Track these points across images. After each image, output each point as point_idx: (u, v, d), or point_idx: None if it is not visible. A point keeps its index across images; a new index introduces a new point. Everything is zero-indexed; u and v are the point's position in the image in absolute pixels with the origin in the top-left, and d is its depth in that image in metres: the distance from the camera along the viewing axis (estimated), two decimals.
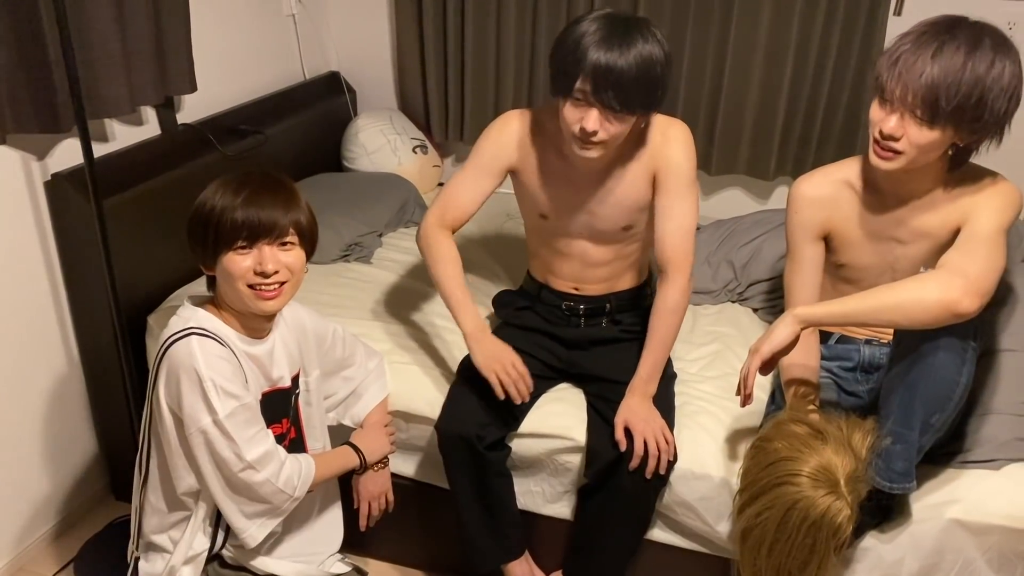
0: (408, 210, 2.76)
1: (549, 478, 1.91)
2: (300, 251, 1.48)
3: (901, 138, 1.52)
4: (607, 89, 1.58)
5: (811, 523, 1.45)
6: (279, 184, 1.48)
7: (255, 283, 1.43)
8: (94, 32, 1.95)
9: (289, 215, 1.44)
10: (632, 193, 1.80)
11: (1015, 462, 1.68)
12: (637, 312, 1.99)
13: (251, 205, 1.41)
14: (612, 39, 1.58)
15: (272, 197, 1.44)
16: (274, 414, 1.56)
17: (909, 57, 1.48)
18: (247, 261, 1.42)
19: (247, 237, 1.41)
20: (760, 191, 2.86)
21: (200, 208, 1.44)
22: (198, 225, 1.44)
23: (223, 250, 1.42)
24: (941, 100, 1.46)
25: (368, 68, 3.11)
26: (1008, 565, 1.65)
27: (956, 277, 1.45)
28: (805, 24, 2.54)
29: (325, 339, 1.73)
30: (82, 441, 2.27)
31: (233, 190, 1.43)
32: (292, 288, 1.49)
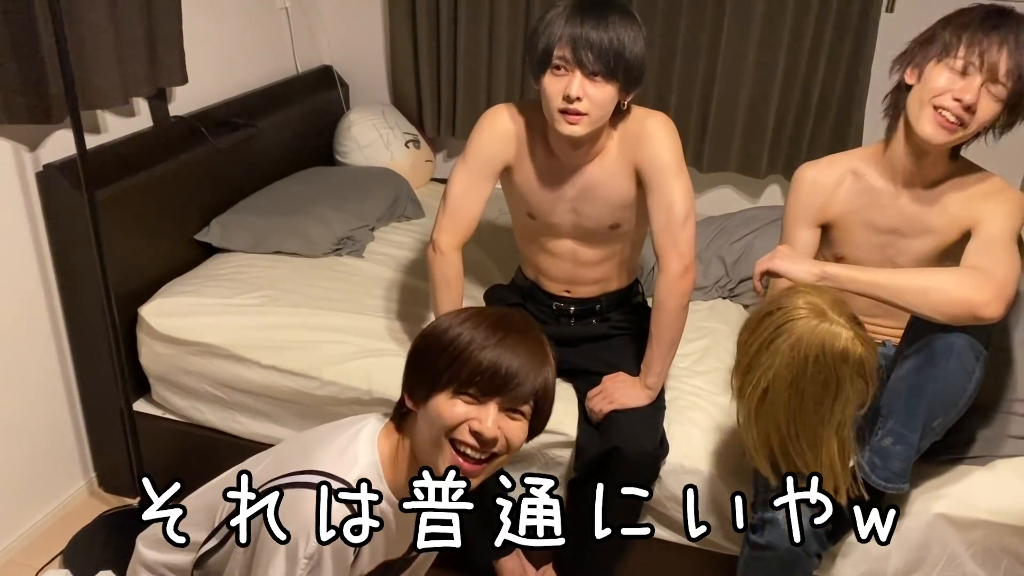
0: (400, 205, 2.76)
1: (540, 471, 1.91)
2: (526, 425, 1.23)
3: (977, 111, 1.51)
4: (587, 50, 1.61)
5: (815, 356, 1.36)
6: (539, 337, 1.24)
7: (463, 444, 1.18)
8: (86, 23, 1.95)
9: (536, 381, 1.20)
10: (616, 189, 1.80)
11: (1001, 458, 1.70)
12: (627, 309, 2.00)
13: (504, 351, 1.17)
14: (588, 11, 1.62)
15: (531, 353, 1.20)
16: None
17: (1000, 33, 1.48)
18: (465, 412, 1.18)
19: (484, 387, 1.17)
20: (751, 189, 2.87)
21: (440, 333, 1.21)
22: (430, 350, 1.21)
23: (447, 389, 1.18)
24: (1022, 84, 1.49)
25: (361, 62, 3.11)
26: (992, 559, 1.67)
27: (988, 281, 1.44)
28: (797, 22, 2.55)
29: None
30: (71, 433, 2.26)
31: (488, 327, 1.19)
32: (496, 467, 1.24)
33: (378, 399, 1.96)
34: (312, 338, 2.04)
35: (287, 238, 2.43)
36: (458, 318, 1.22)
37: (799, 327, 1.37)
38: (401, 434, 1.26)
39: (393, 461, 1.25)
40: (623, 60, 1.64)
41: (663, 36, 2.68)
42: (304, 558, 1.15)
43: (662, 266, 1.77)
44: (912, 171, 1.64)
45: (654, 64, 2.71)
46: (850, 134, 2.62)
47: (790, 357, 1.37)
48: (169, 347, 2.11)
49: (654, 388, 1.81)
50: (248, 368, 2.04)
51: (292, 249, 2.43)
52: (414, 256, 2.49)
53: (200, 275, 2.28)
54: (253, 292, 2.21)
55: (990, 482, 1.68)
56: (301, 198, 2.57)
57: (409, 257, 2.49)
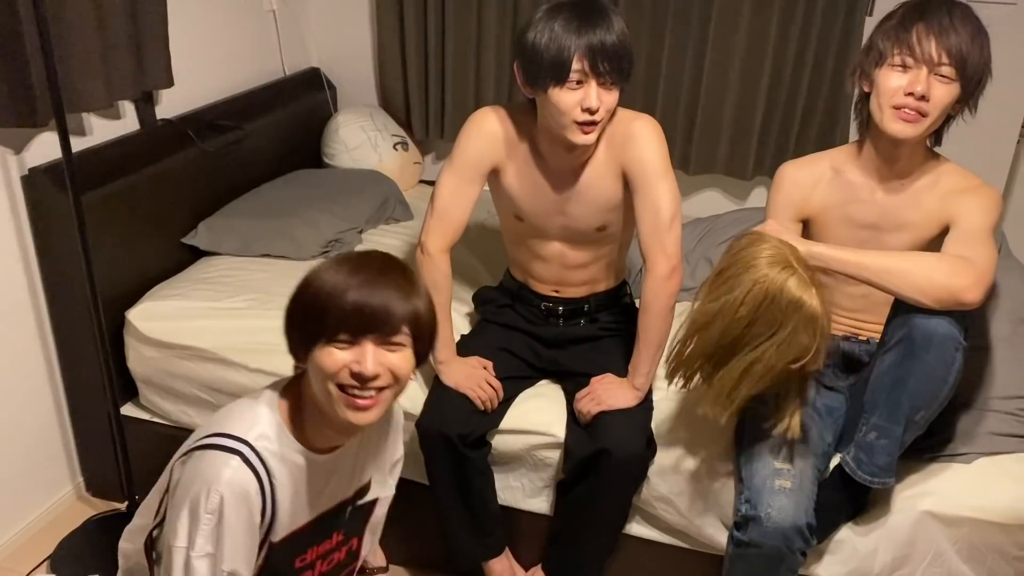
0: (388, 207, 2.76)
1: (529, 473, 1.92)
2: (410, 354, 1.25)
3: (929, 98, 1.56)
4: (604, 61, 1.62)
5: (773, 295, 1.44)
6: (403, 273, 1.25)
7: (349, 385, 1.21)
8: (71, 26, 1.94)
9: (404, 309, 1.21)
10: (603, 191, 1.81)
11: (986, 456, 1.72)
12: (615, 310, 2.01)
13: (366, 288, 1.19)
14: (592, 19, 1.63)
15: (393, 284, 1.21)
16: (324, 530, 1.39)
17: (928, 20, 1.55)
18: (343, 358, 1.20)
19: (352, 329, 1.19)
20: (738, 191, 2.89)
21: (304, 288, 1.23)
22: (299, 307, 1.23)
23: (320, 341, 1.20)
24: (969, 58, 1.54)
25: (349, 64, 3.10)
26: (977, 556, 1.69)
27: (970, 266, 1.48)
28: (783, 25, 2.57)
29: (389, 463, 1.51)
30: (59, 437, 2.25)
31: (348, 271, 1.21)
32: (392, 397, 1.26)
33: None
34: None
35: (275, 241, 2.43)
36: (317, 271, 1.23)
37: (765, 268, 1.45)
38: (303, 391, 1.28)
39: (298, 416, 1.28)
40: (627, 61, 1.67)
41: (650, 39, 2.69)
42: (206, 513, 1.18)
43: (649, 267, 1.78)
44: (887, 168, 1.68)
45: (641, 67, 2.72)
46: (836, 135, 2.64)
47: (749, 288, 1.45)
48: (157, 351, 2.10)
49: (642, 389, 1.82)
50: (236, 372, 2.04)
51: (280, 252, 2.42)
52: (402, 258, 2.46)
53: (188, 278, 2.28)
54: (241, 295, 2.20)
55: (975, 479, 1.69)
56: (289, 201, 2.56)
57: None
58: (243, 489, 1.21)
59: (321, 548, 1.40)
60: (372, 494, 1.46)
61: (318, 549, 1.39)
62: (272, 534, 1.28)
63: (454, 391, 1.83)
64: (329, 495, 1.35)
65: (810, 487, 1.62)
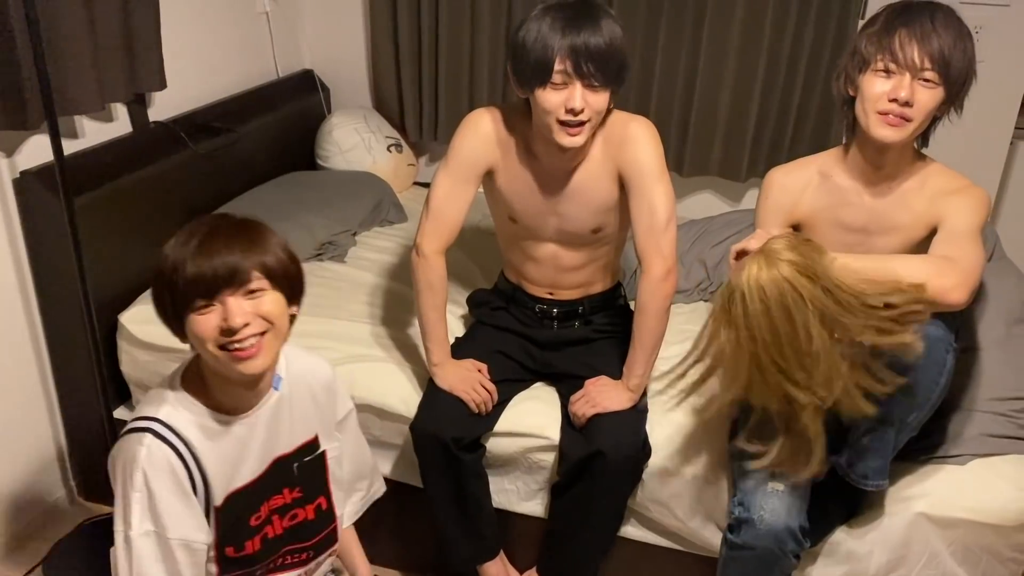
0: (383, 209, 2.76)
1: (523, 476, 1.92)
2: (277, 294, 1.27)
3: (913, 104, 1.56)
4: (587, 62, 1.62)
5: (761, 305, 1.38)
6: (237, 226, 1.27)
7: (226, 343, 1.22)
8: (63, 28, 1.93)
9: (250, 258, 1.23)
10: (598, 193, 1.81)
11: (980, 457, 1.72)
12: (609, 312, 2.00)
13: (201, 255, 1.20)
14: (579, 20, 1.62)
15: (227, 240, 1.23)
16: (273, 486, 1.41)
17: (911, 26, 1.55)
18: (212, 320, 1.22)
19: (204, 293, 1.21)
20: (732, 193, 2.89)
21: (155, 270, 1.24)
22: (155, 290, 1.25)
23: (184, 313, 1.22)
24: (953, 62, 1.54)
25: (342, 66, 3.10)
26: (972, 557, 1.69)
27: (954, 267, 1.48)
28: (777, 27, 2.57)
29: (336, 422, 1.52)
30: (52, 442, 2.24)
31: (183, 241, 1.23)
32: (275, 339, 1.27)
33: (361, 405, 1.95)
34: (293, 344, 2.03)
35: None
36: (167, 246, 1.25)
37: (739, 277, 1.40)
38: (200, 363, 1.31)
39: (203, 386, 1.31)
40: (619, 65, 1.66)
41: (644, 42, 2.69)
42: (135, 492, 1.23)
43: (645, 269, 1.78)
44: (874, 171, 1.68)
45: (635, 68, 2.72)
46: (830, 137, 2.65)
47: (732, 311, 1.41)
48: (150, 354, 2.09)
49: (637, 391, 1.82)
50: None
51: None
52: (397, 261, 2.49)
53: None
54: None
55: (969, 481, 1.69)
56: (282, 203, 2.56)
57: (392, 262, 2.48)
58: (162, 460, 1.25)
59: (273, 503, 1.41)
60: (320, 448, 1.48)
61: (270, 503, 1.41)
62: (212, 499, 1.31)
63: (448, 394, 1.83)
64: (263, 453, 1.38)
65: (803, 489, 1.62)
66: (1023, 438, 1.75)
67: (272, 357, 1.28)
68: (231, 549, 1.37)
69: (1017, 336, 1.90)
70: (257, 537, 1.40)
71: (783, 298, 1.37)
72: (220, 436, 1.31)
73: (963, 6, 1.65)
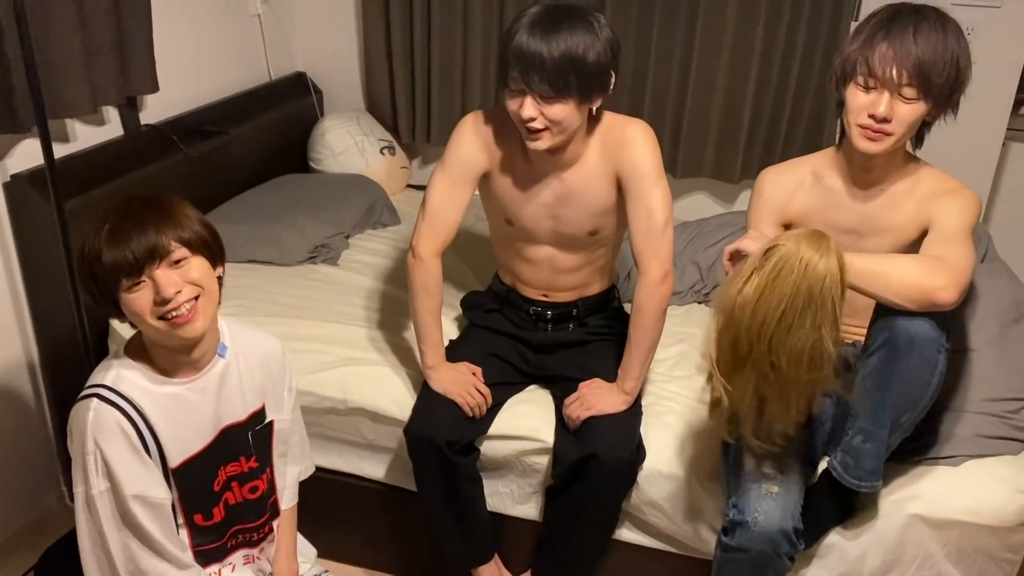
0: (376, 212, 2.75)
1: (517, 479, 1.91)
2: (200, 259, 1.33)
3: (892, 119, 1.55)
4: (531, 73, 1.60)
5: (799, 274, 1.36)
6: (145, 205, 1.31)
7: (163, 313, 1.28)
8: (54, 31, 1.92)
9: (164, 232, 1.28)
10: (595, 195, 1.81)
11: (974, 458, 1.72)
12: (604, 314, 2.00)
13: (114, 242, 1.25)
14: (540, 25, 1.60)
15: (137, 221, 1.27)
16: (227, 454, 1.46)
17: (891, 39, 1.53)
18: (146, 295, 1.27)
19: (129, 273, 1.26)
20: (726, 194, 2.89)
21: (77, 260, 1.31)
22: (80, 282, 1.32)
23: (116, 295, 1.28)
24: (932, 76, 1.52)
25: (335, 69, 3.09)
26: (966, 558, 1.69)
27: (945, 267, 1.48)
28: (770, 29, 2.57)
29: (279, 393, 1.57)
30: (42, 446, 2.23)
31: (96, 230, 1.28)
32: (209, 302, 1.34)
33: (354, 408, 1.95)
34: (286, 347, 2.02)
35: (261, 247, 2.42)
36: (83, 240, 1.30)
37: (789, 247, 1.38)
38: (140, 336, 1.37)
39: (146, 355, 1.37)
40: (574, 76, 1.61)
41: (637, 43, 2.70)
42: (88, 455, 1.29)
43: (642, 271, 1.77)
44: (864, 173, 1.69)
45: (628, 71, 2.72)
46: (822, 139, 2.65)
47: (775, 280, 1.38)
48: None
49: (632, 393, 1.81)
50: None
51: (266, 258, 2.41)
52: (390, 264, 2.48)
53: None
54: (226, 301, 2.15)
55: (963, 482, 1.69)
56: (275, 206, 2.55)
57: (385, 265, 2.48)
58: (110, 421, 1.30)
59: (231, 469, 1.46)
60: (268, 418, 1.53)
61: (227, 470, 1.46)
62: (167, 460, 1.37)
63: (443, 397, 1.82)
64: (214, 419, 1.42)
65: (797, 491, 1.62)
66: (1016, 439, 1.75)
67: (209, 319, 1.34)
68: (199, 516, 1.43)
69: (1010, 337, 1.91)
70: (221, 503, 1.46)
71: (813, 289, 1.36)
72: (168, 400, 1.36)
73: (954, 8, 1.65)
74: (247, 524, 1.51)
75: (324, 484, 2.05)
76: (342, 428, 1.99)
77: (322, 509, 2.07)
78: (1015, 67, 2.52)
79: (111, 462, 1.30)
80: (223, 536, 1.48)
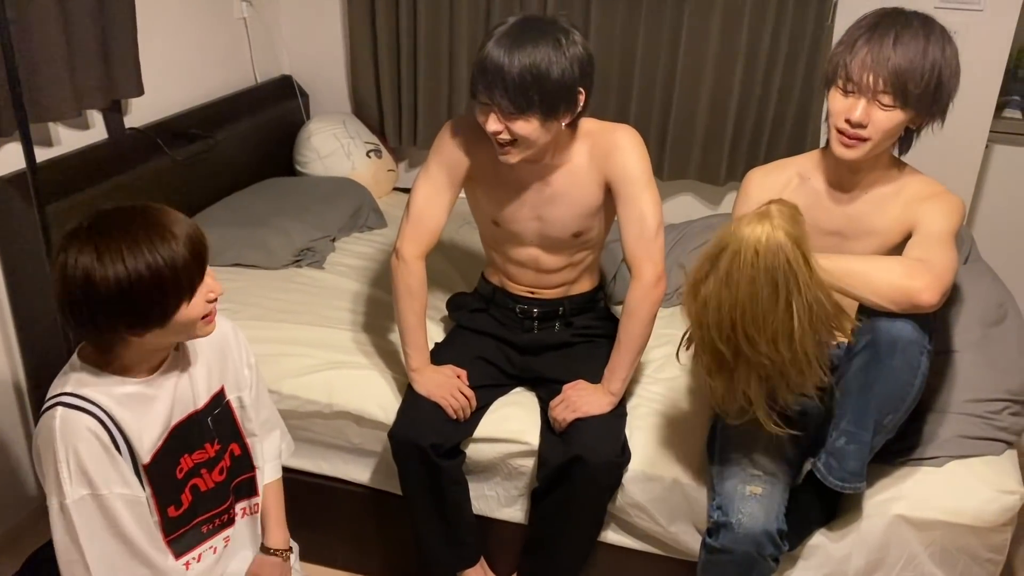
0: (362, 215, 2.75)
1: (503, 482, 1.91)
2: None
3: (868, 125, 1.56)
4: (493, 88, 1.60)
5: (751, 262, 1.35)
6: (141, 213, 1.29)
7: (207, 312, 1.34)
8: (37, 34, 1.91)
9: (196, 226, 1.31)
10: (581, 199, 1.81)
11: (957, 459, 1.73)
12: (590, 315, 2.00)
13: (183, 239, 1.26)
14: (507, 38, 1.60)
15: (177, 216, 1.29)
16: (191, 442, 1.45)
17: (871, 46, 1.53)
18: (200, 299, 1.31)
19: (191, 285, 1.29)
20: (711, 196, 2.90)
21: (130, 277, 1.22)
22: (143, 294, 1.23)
23: (186, 300, 1.28)
24: (909, 84, 1.52)
25: (321, 72, 3.09)
26: (950, 559, 1.70)
27: (926, 269, 1.49)
28: (754, 32, 2.59)
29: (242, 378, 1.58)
30: (25, 451, 2.21)
31: (151, 237, 1.24)
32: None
33: (339, 412, 1.94)
34: (272, 351, 2.02)
35: (246, 250, 2.41)
36: (109, 258, 1.23)
37: (736, 235, 1.38)
38: (110, 347, 1.34)
39: (106, 359, 1.35)
40: (536, 93, 1.60)
41: (622, 46, 2.70)
42: (60, 463, 1.27)
43: (636, 275, 1.78)
44: (847, 176, 1.69)
45: (614, 73, 2.73)
46: (806, 141, 2.66)
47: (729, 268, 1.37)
48: None
49: (617, 395, 1.82)
50: None
51: (251, 261, 2.40)
52: (376, 266, 2.48)
53: None
54: None
55: (946, 483, 1.70)
56: (260, 209, 2.54)
57: (371, 267, 2.47)
58: (78, 426, 1.28)
59: (197, 457, 1.46)
60: (227, 397, 1.53)
61: (193, 458, 1.45)
62: (138, 457, 1.36)
63: (427, 400, 1.82)
64: (175, 409, 1.43)
65: (781, 493, 1.62)
66: (999, 439, 1.77)
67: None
68: (172, 508, 1.42)
69: (992, 338, 1.92)
70: (187, 489, 1.45)
71: (774, 271, 1.35)
72: (128, 400, 1.35)
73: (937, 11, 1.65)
74: (212, 511, 1.51)
75: (309, 488, 2.04)
76: (327, 432, 1.98)
77: (307, 513, 2.06)
78: (997, 70, 2.54)
79: (87, 465, 1.27)
80: (193, 520, 1.47)
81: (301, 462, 2.03)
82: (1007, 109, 2.81)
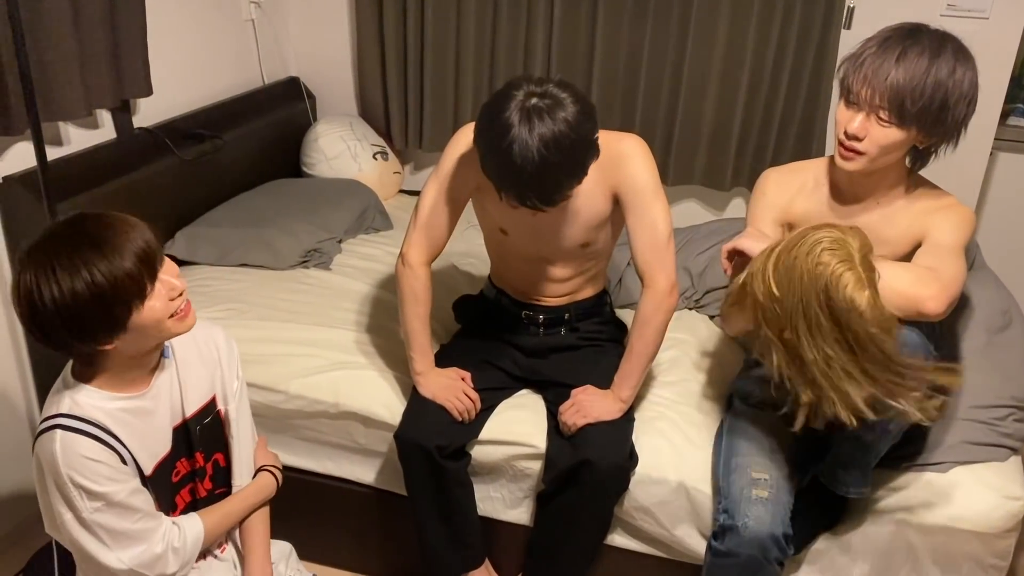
0: (368, 216, 2.75)
1: (508, 484, 1.91)
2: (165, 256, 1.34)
3: (864, 138, 1.56)
4: (525, 200, 1.58)
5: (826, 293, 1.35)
6: (94, 221, 1.28)
7: (174, 309, 1.31)
8: (49, 34, 1.92)
9: (148, 232, 1.28)
10: (590, 210, 1.80)
11: (962, 465, 1.73)
12: (596, 320, 2.01)
13: (127, 250, 1.23)
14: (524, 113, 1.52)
15: (124, 226, 1.26)
16: (185, 449, 1.47)
17: (875, 60, 1.53)
18: (159, 298, 1.28)
19: (139, 289, 1.24)
20: (717, 201, 2.91)
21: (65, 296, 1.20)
22: (85, 310, 1.21)
23: (136, 307, 1.25)
24: (906, 102, 1.51)
25: (328, 74, 3.10)
26: (954, 564, 1.70)
27: (934, 278, 1.49)
28: (761, 37, 2.59)
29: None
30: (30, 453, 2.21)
31: (91, 247, 1.22)
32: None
33: (345, 412, 1.95)
34: (278, 351, 2.03)
35: (253, 250, 2.42)
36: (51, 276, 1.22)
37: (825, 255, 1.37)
38: (96, 363, 1.34)
39: (96, 377, 1.34)
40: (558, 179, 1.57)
41: (629, 51, 2.71)
42: (71, 488, 1.28)
43: (649, 284, 1.77)
44: (859, 186, 1.69)
45: (620, 79, 2.74)
46: (812, 147, 2.67)
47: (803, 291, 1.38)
48: None
49: (627, 401, 1.82)
50: None
51: (258, 262, 2.41)
52: (382, 268, 2.48)
53: None
54: (218, 305, 2.19)
55: (951, 488, 1.71)
56: (267, 210, 2.55)
57: (377, 269, 2.48)
58: (80, 448, 1.28)
59: (187, 465, 1.47)
60: (218, 407, 1.53)
61: (185, 463, 1.47)
62: (142, 469, 1.38)
63: (433, 402, 1.82)
64: (170, 419, 1.44)
65: (787, 497, 1.63)
66: (1004, 445, 1.77)
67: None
68: (174, 515, 1.44)
69: (997, 344, 1.92)
70: (185, 491, 1.48)
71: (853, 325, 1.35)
72: (125, 415, 1.36)
73: (942, 19, 1.65)
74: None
75: (314, 488, 2.05)
76: (333, 432, 1.99)
77: (312, 513, 2.07)
78: (1003, 77, 2.55)
79: (93, 487, 1.28)
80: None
81: (306, 462, 2.03)
82: (1012, 117, 2.82)
